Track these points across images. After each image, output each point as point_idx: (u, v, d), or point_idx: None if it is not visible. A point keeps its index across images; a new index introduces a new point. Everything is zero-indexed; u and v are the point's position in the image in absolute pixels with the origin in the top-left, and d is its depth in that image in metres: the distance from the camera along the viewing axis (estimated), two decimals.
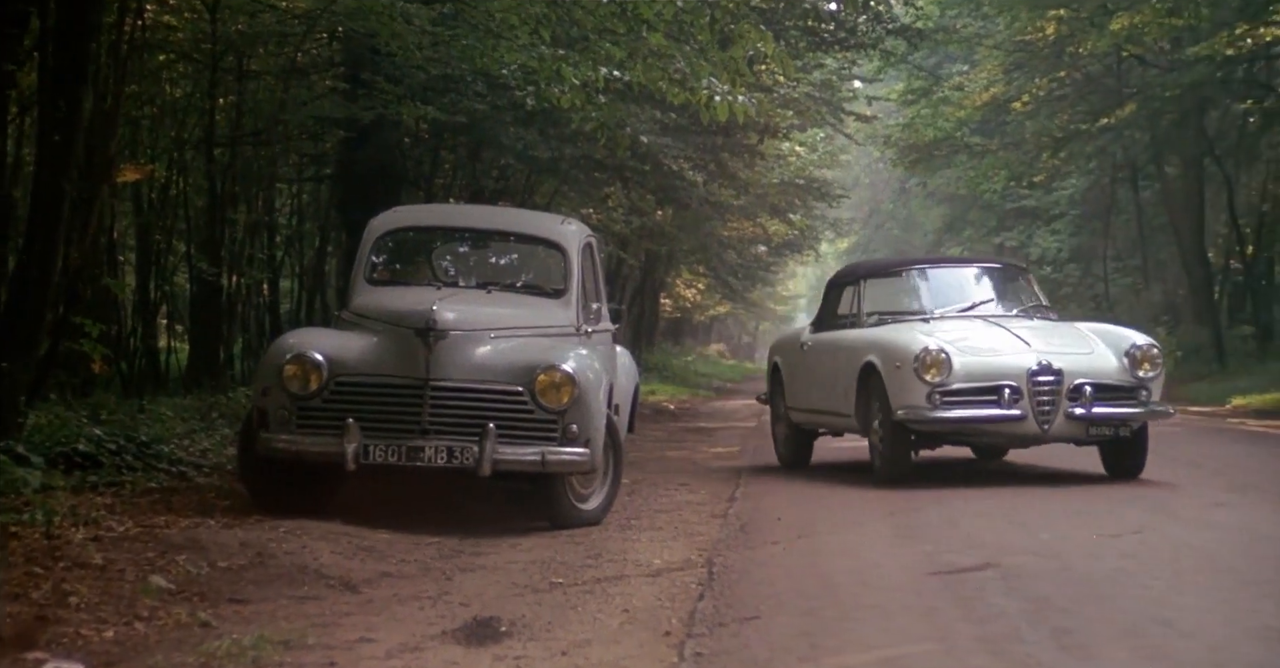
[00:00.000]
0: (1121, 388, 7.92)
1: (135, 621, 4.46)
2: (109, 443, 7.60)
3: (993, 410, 7.78)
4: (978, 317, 8.71)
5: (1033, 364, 7.80)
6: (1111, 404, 7.85)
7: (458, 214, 9.68)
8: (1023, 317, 8.77)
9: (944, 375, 7.77)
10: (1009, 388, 7.76)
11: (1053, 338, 8.23)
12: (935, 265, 9.85)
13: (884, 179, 46.47)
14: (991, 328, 8.36)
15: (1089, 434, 7.91)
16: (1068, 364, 7.83)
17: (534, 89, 9.98)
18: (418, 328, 6.71)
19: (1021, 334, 8.18)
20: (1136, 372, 7.95)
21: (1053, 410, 7.77)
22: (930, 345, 7.86)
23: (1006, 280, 9.42)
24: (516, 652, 4.06)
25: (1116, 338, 8.24)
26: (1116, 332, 8.42)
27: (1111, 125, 24.99)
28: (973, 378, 7.83)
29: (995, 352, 8.00)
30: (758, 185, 22.36)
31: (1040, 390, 7.75)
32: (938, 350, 7.82)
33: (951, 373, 7.79)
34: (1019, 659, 3.68)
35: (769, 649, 3.94)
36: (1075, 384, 7.79)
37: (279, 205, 15.19)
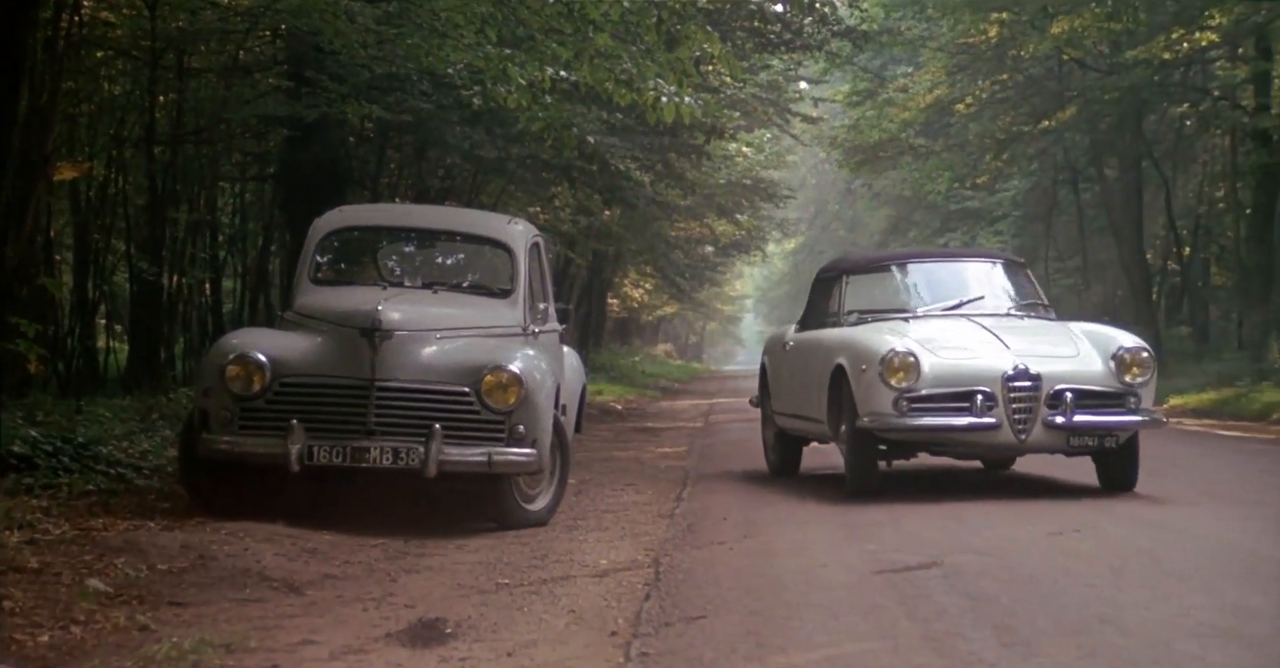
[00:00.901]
0: (1107, 394, 7.28)
1: (72, 625, 4.38)
2: (45, 445, 7.47)
3: (964, 418, 7.16)
4: (964, 315, 8.05)
5: (1008, 368, 7.17)
6: (1095, 412, 7.22)
7: (403, 214, 9.62)
8: (1013, 316, 8.14)
9: (912, 380, 7.17)
10: (982, 394, 7.14)
11: (1037, 339, 7.61)
12: (925, 260, 9.19)
13: (830, 180, 46.77)
14: (973, 328, 7.72)
15: (1070, 444, 7.26)
16: (1047, 368, 7.21)
17: (480, 88, 9.94)
18: (363, 328, 6.66)
19: (1003, 335, 7.55)
20: (1124, 377, 7.30)
21: (1030, 419, 7.14)
22: (898, 347, 7.27)
23: (1003, 276, 8.72)
24: (462, 653, 4.04)
25: (1105, 340, 7.58)
26: (1106, 333, 7.77)
27: (1053, 128, 25.31)
28: (943, 383, 7.22)
29: (970, 354, 7.39)
30: (705, 186, 22.42)
31: (1016, 397, 7.13)
32: (905, 353, 7.23)
33: (920, 377, 7.19)
34: (962, 657, 3.71)
35: (715, 649, 3.94)
36: (1055, 390, 7.15)
37: (221, 204, 15.01)
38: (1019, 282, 8.66)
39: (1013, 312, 8.21)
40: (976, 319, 7.91)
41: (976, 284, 8.54)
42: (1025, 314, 8.22)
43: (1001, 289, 8.53)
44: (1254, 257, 22.09)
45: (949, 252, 11.81)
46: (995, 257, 9.40)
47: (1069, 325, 8.00)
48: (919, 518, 6.70)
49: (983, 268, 8.85)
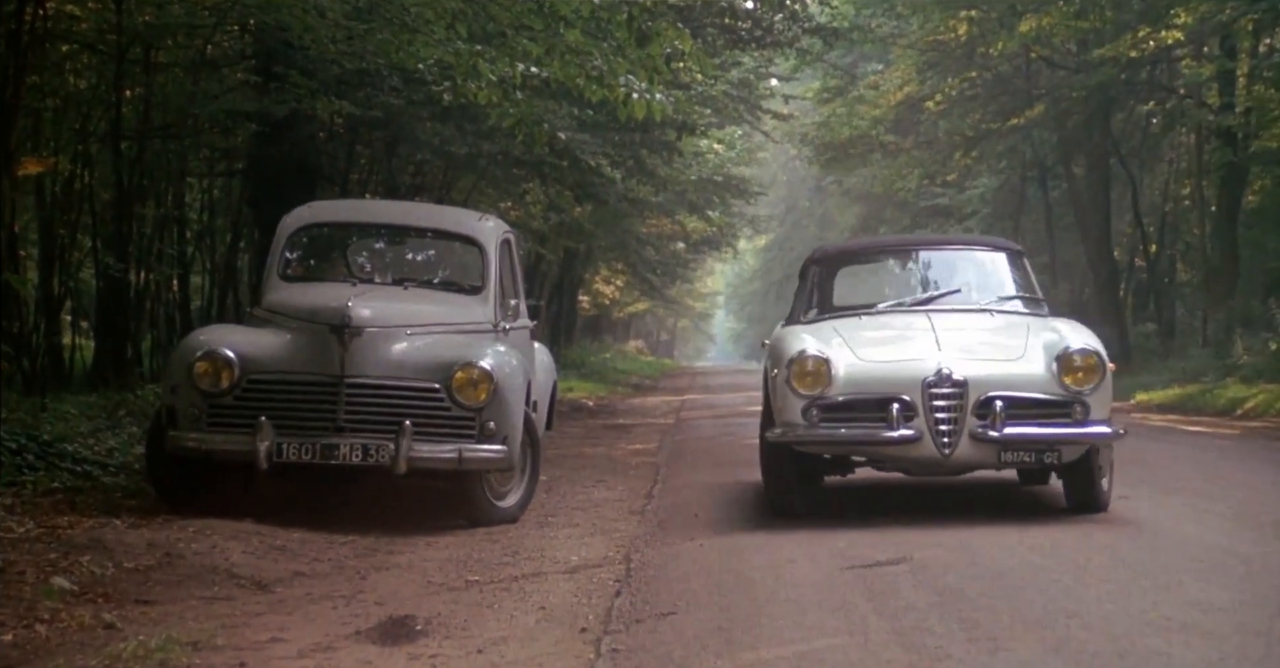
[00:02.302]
0: (1049, 403, 6.33)
1: (36, 623, 4.35)
2: (9, 442, 7.40)
3: (879, 430, 6.28)
4: (928, 310, 7.21)
5: (930, 373, 6.26)
6: (1031, 423, 6.29)
7: (374, 210, 9.58)
8: (986, 311, 7.28)
9: (823, 386, 6.36)
10: (899, 402, 6.23)
11: (984, 339, 6.80)
12: (904, 249, 8.36)
13: (801, 177, 46.87)
14: (921, 326, 6.87)
15: (1001, 460, 6.36)
16: (976, 372, 6.29)
17: (450, 84, 9.90)
18: (332, 324, 6.64)
19: (946, 334, 6.68)
20: (1067, 382, 6.33)
21: (956, 430, 6.22)
22: (809, 349, 6.46)
23: (993, 265, 7.85)
24: (432, 650, 4.03)
25: (1059, 340, 6.61)
26: (1066, 331, 6.76)
27: (1021, 125, 25.46)
28: (859, 389, 6.37)
29: (898, 357, 6.55)
30: (676, 182, 22.40)
31: (938, 406, 6.22)
32: (816, 356, 6.41)
33: (832, 383, 6.36)
34: (930, 652, 3.74)
35: (685, 645, 3.96)
36: (983, 398, 6.22)
37: (189, 200, 14.89)
38: (1010, 272, 7.75)
39: (990, 306, 7.34)
40: (937, 315, 7.05)
41: (959, 275, 7.75)
42: (1002, 309, 7.34)
43: (986, 280, 7.72)
44: (1219, 254, 22.31)
45: (934, 240, 10.17)
46: (986, 244, 8.45)
47: (1048, 322, 7.03)
48: (888, 514, 6.73)
49: (971, 257, 8.05)
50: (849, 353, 6.55)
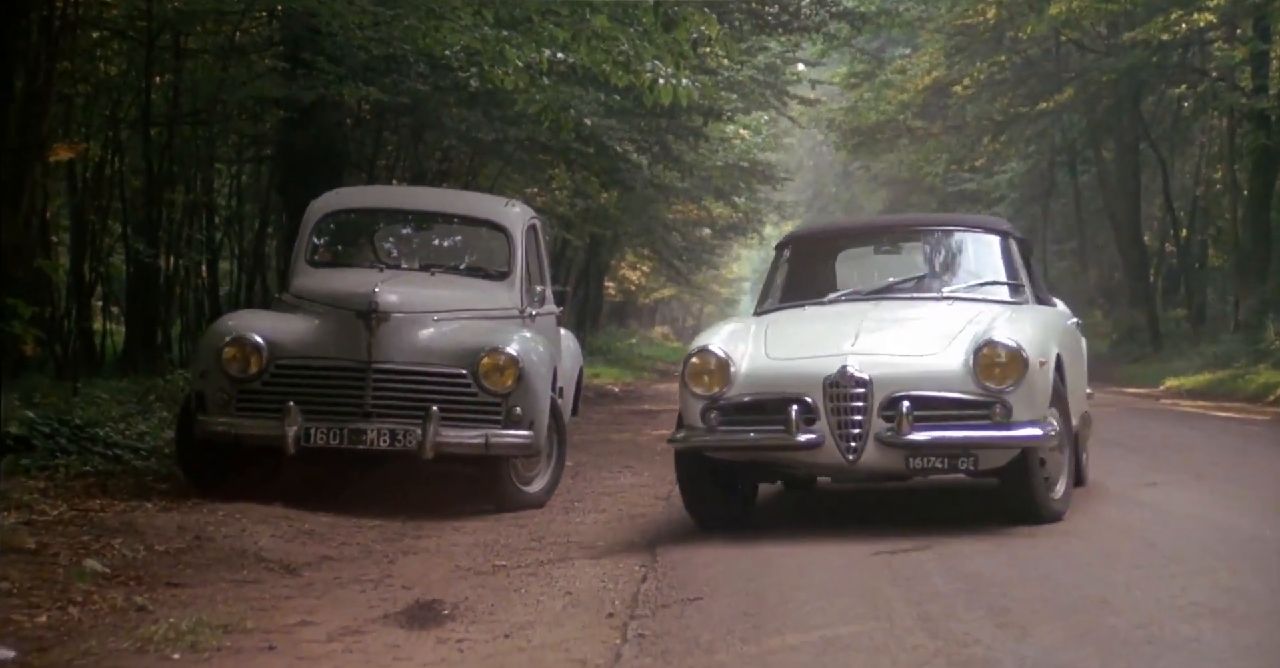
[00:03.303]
0: (962, 402, 5.61)
1: (69, 605, 4.40)
2: (42, 426, 7.48)
3: (779, 434, 5.65)
4: (877, 300, 6.56)
5: (832, 370, 5.61)
6: (943, 425, 5.58)
7: (400, 196, 9.62)
8: (944, 298, 6.53)
9: (720, 386, 5.76)
10: (799, 403, 5.60)
11: (915, 331, 6.08)
12: (879, 232, 7.59)
13: (827, 162, 46.67)
14: (853, 317, 6.17)
15: (910, 466, 5.66)
16: (883, 370, 5.61)
17: (477, 70, 9.92)
18: (360, 310, 6.67)
19: (873, 326, 6.02)
20: (983, 380, 5.58)
21: (862, 434, 5.56)
22: (710, 346, 5.87)
23: (971, 248, 7.09)
24: (459, 634, 4.05)
25: (985, 331, 5.82)
26: (1002, 322, 5.99)
27: (1050, 110, 25.27)
28: (758, 389, 5.76)
29: (804, 354, 5.85)
30: (702, 168, 22.35)
31: (840, 406, 5.58)
32: (713, 353, 5.82)
33: (731, 383, 5.76)
34: (957, 637, 3.73)
35: (711, 630, 3.96)
36: (888, 398, 5.56)
37: (218, 186, 14.97)
38: (993, 255, 6.91)
39: (957, 293, 6.56)
40: (885, 304, 6.47)
41: (936, 259, 7.06)
42: (970, 296, 6.53)
43: (964, 265, 6.97)
44: (1251, 238, 22.09)
45: (912, 221, 9.27)
46: (971, 225, 7.55)
47: (1006, 311, 6.21)
48: (914, 500, 6.72)
49: (951, 239, 7.18)
50: (758, 350, 5.92)
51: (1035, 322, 6.20)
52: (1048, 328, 6.22)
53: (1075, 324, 7.40)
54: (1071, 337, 7.06)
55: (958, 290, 6.64)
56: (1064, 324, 6.97)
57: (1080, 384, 7.04)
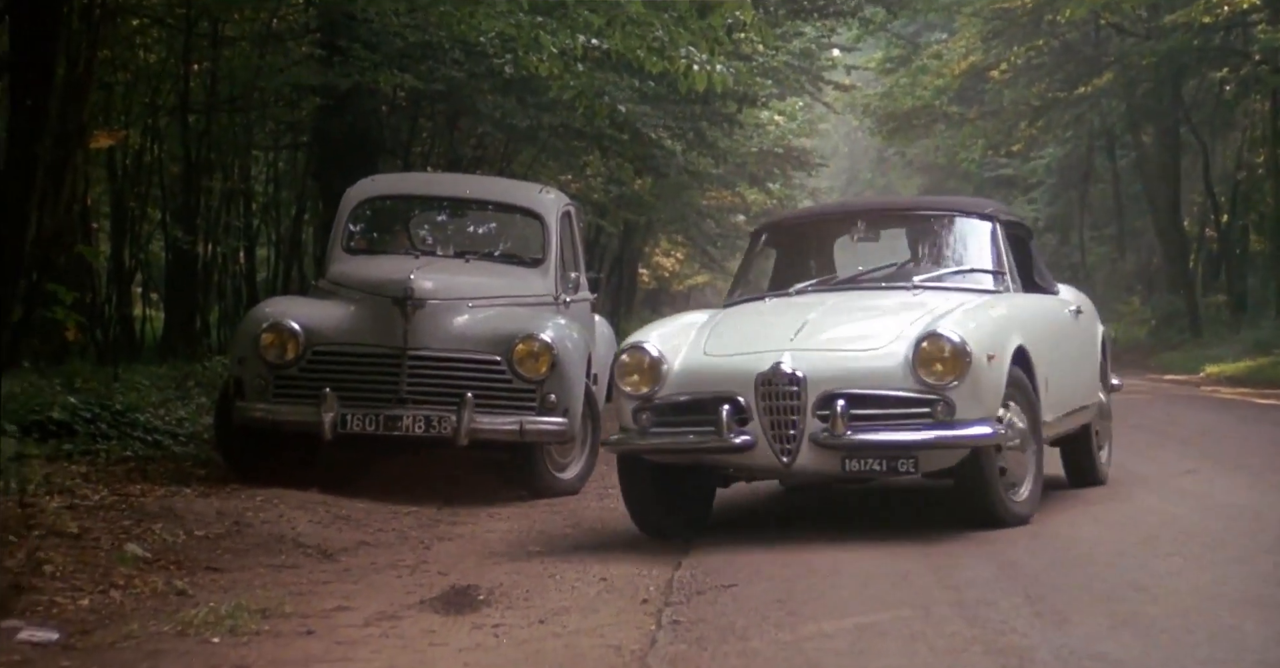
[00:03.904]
0: (901, 400, 5.22)
1: (111, 589, 4.46)
2: (83, 411, 7.56)
3: (709, 435, 5.27)
4: (838, 291, 6.15)
5: (764, 367, 5.23)
6: (881, 425, 5.21)
7: (435, 183, 9.65)
8: (908, 288, 6.01)
9: (652, 385, 5.42)
10: (731, 402, 5.23)
11: (864, 324, 5.70)
12: (855, 217, 6.88)
13: (863, 148, 46.44)
14: (803, 310, 5.78)
15: (846, 468, 5.26)
16: (816, 367, 5.22)
17: (512, 57, 9.92)
18: (395, 297, 6.70)
19: (820, 319, 5.62)
20: (922, 376, 5.18)
21: (797, 435, 5.18)
22: (644, 342, 5.53)
23: (953, 233, 6.57)
24: (494, 620, 4.08)
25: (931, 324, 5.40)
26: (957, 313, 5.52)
27: (1089, 94, 25.01)
28: (690, 387, 5.41)
29: (742, 350, 5.46)
30: (736, 154, 22.28)
31: (773, 405, 5.20)
32: (644, 351, 5.47)
33: (663, 382, 5.41)
34: (994, 625, 3.71)
35: (746, 617, 3.96)
36: (823, 396, 5.18)
37: (255, 173, 15.06)
38: (974, 240, 6.40)
39: (927, 282, 6.07)
40: (843, 295, 6.06)
41: (915, 245, 6.55)
42: (941, 284, 6.06)
43: (938, 251, 6.49)
44: None
45: (891, 204, 8.73)
46: (953, 209, 6.96)
47: (974, 301, 5.78)
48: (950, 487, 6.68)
49: (932, 224, 6.63)
50: (696, 346, 5.55)
51: (998, 312, 5.74)
52: (1011, 319, 5.73)
53: (1074, 312, 6.69)
54: (1060, 327, 6.42)
55: (930, 279, 6.12)
56: (1051, 314, 6.41)
57: (1076, 378, 6.42)
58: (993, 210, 6.54)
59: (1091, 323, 7.05)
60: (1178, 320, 25.01)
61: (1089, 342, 6.88)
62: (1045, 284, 6.65)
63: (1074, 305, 6.77)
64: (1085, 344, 6.80)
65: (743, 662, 3.42)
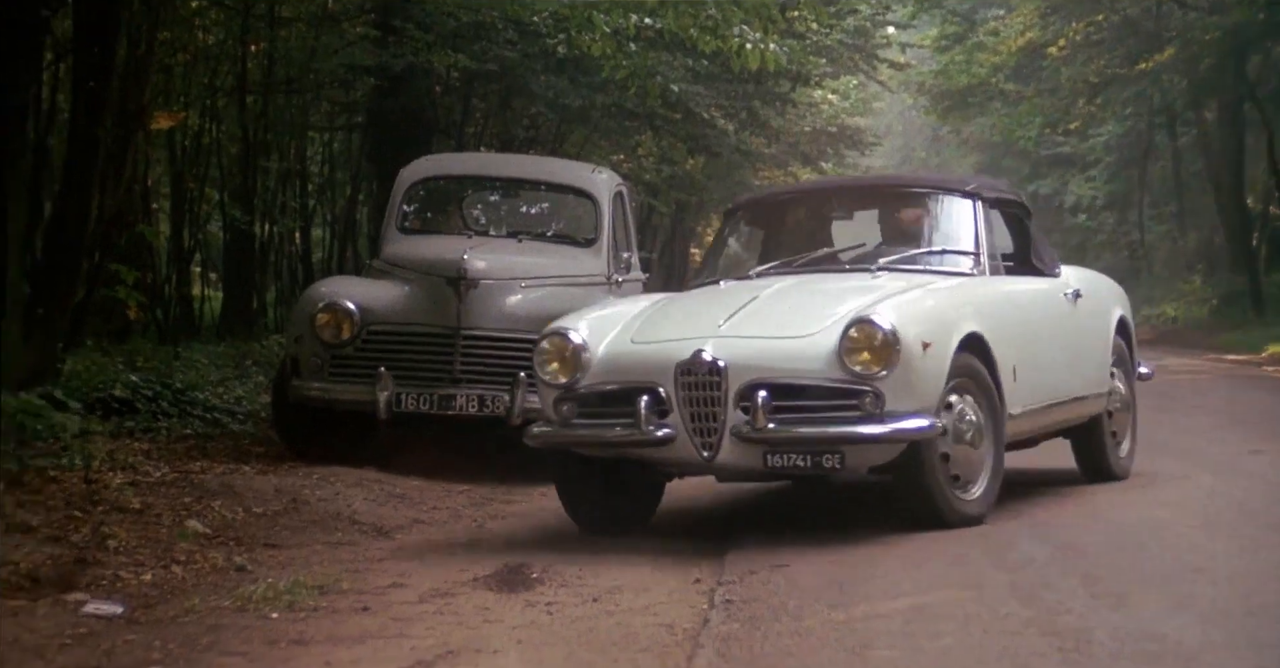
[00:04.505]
0: (826, 391, 4.84)
1: (173, 564, 4.53)
2: (145, 389, 7.69)
3: (628, 428, 4.93)
4: (792, 273, 5.72)
5: (684, 355, 4.88)
6: (805, 418, 4.83)
7: (488, 163, 9.67)
8: (867, 271, 5.61)
9: (572, 374, 5.08)
10: (650, 393, 4.89)
11: (802, 309, 5.22)
12: (830, 195, 6.60)
13: (917, 127, 46.00)
14: (746, 294, 5.38)
15: (768, 464, 4.87)
16: (738, 355, 4.86)
17: (565, 37, 9.92)
18: (449, 277, 6.74)
19: (758, 304, 5.23)
20: (849, 365, 4.80)
21: (718, 427, 4.83)
22: (566, 328, 5.19)
23: (931, 213, 6.06)
24: (548, 598, 4.10)
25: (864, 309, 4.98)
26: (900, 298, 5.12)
27: (1150, 70, 24.58)
28: (613, 377, 5.07)
29: (668, 336, 5.11)
30: (789, 134, 22.16)
31: (693, 396, 4.85)
32: (563, 337, 5.14)
33: (583, 370, 5.07)
34: (1050, 606, 3.69)
35: (799, 597, 3.96)
36: (745, 385, 4.81)
37: (311, 154, 15.20)
38: (952, 219, 5.95)
39: (892, 264, 5.65)
40: (794, 278, 5.63)
41: (890, 226, 6.11)
42: (903, 268, 5.63)
43: (913, 231, 6.03)
44: None
45: (867, 182, 8.20)
46: (934, 186, 6.42)
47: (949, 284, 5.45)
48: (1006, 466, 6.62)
49: (904, 203, 6.20)
50: (625, 333, 5.20)
51: (947, 297, 5.30)
52: (963, 304, 5.27)
53: (1071, 296, 6.11)
54: (1044, 312, 5.91)
55: (899, 261, 5.68)
56: (1033, 298, 5.92)
57: (1068, 366, 5.92)
58: (974, 188, 5.99)
59: (1101, 307, 6.44)
60: (1239, 300, 24.59)
61: (1093, 327, 6.29)
62: (1043, 266, 6.16)
63: (1072, 289, 6.18)
64: (1085, 330, 6.20)
65: (795, 641, 3.42)
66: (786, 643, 3.41)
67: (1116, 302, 6.67)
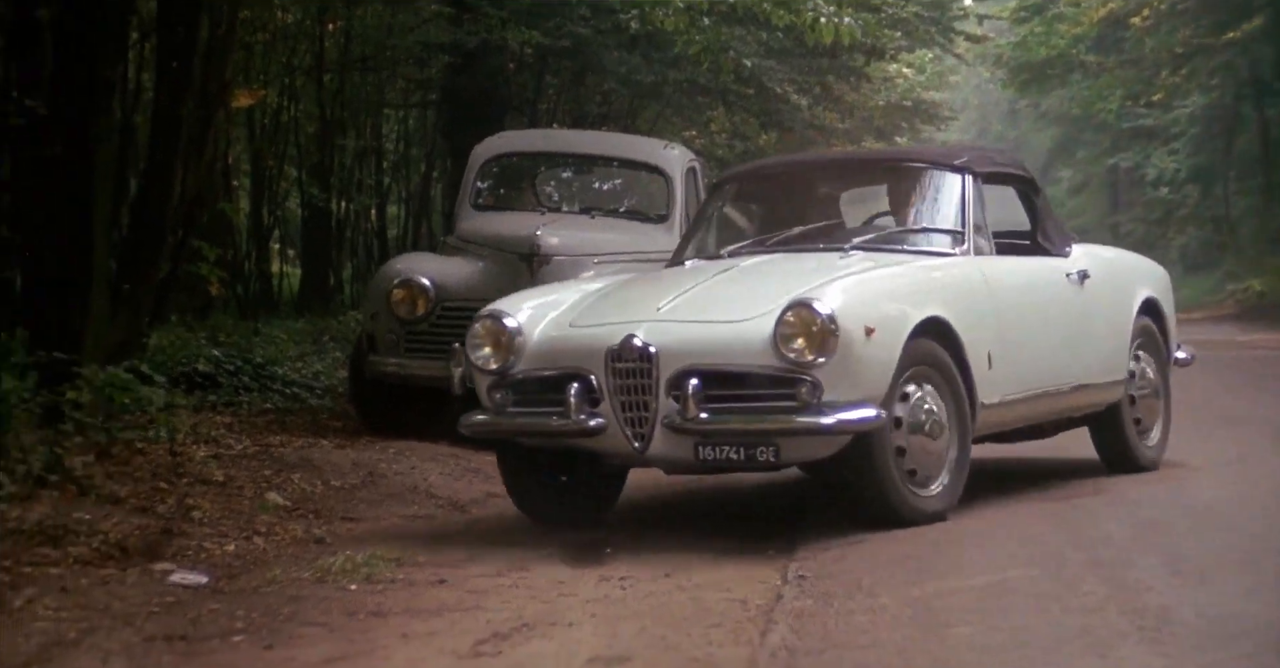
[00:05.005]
0: (762, 379, 4.52)
1: (254, 535, 4.63)
2: (227, 364, 7.84)
3: (555, 417, 4.65)
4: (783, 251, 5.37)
5: (615, 341, 4.59)
6: (738, 408, 4.53)
7: (561, 139, 9.68)
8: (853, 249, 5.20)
9: (505, 359, 4.80)
10: (579, 381, 4.61)
11: (752, 291, 4.85)
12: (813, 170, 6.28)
13: (994, 100, 45.30)
14: (704, 275, 5.08)
15: (700, 456, 4.56)
16: (673, 340, 4.56)
17: (638, 12, 9.88)
18: (522, 253, 6.78)
19: (712, 285, 4.94)
20: (785, 352, 4.45)
21: (649, 417, 4.54)
22: (497, 310, 4.93)
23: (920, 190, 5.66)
24: (621, 573, 4.12)
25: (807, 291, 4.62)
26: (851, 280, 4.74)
27: (1237, 40, 23.98)
28: (545, 364, 4.78)
29: (606, 320, 4.80)
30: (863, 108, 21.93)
31: (625, 384, 4.56)
32: (498, 320, 4.86)
33: (516, 356, 4.79)
34: (1130, 584, 3.64)
35: (873, 573, 3.95)
36: (677, 373, 4.50)
37: (386, 131, 15.34)
38: (939, 196, 5.52)
39: (865, 243, 5.28)
40: (763, 258, 5.28)
41: (875, 202, 5.81)
42: (878, 246, 5.26)
43: (900, 208, 5.66)
44: None
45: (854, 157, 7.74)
46: (923, 160, 5.94)
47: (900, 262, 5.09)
48: (1081, 443, 6.54)
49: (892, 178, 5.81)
50: (566, 316, 4.91)
51: (901, 279, 4.94)
52: (922, 286, 4.94)
53: (1076, 277, 5.65)
54: (1035, 295, 5.51)
55: (875, 240, 5.31)
56: (1023, 279, 5.47)
57: (1069, 352, 5.51)
58: (965, 162, 5.52)
59: (1119, 288, 5.96)
60: None
61: (1106, 310, 5.81)
62: (1049, 245, 5.71)
63: (1078, 269, 5.68)
64: (1094, 313, 5.72)
65: (869, 618, 3.41)
66: (860, 620, 3.40)
67: (1144, 282, 6.17)
